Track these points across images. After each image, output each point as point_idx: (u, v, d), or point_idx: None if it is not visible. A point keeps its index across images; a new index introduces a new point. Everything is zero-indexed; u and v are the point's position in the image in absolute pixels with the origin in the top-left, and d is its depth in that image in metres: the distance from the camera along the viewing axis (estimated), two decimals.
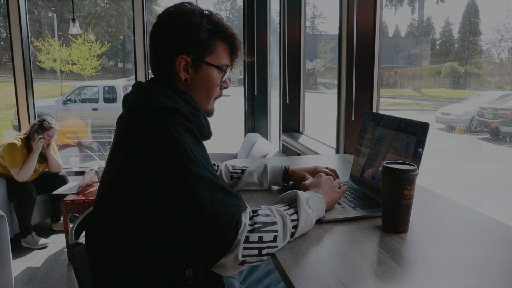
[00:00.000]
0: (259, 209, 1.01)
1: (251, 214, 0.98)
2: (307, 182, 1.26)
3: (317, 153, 2.62)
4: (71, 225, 3.31)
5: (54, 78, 12.66)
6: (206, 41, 1.09)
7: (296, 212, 1.03)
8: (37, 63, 11.44)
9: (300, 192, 1.08)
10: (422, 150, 1.18)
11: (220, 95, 1.20)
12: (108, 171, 1.05)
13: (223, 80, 1.15)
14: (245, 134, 4.40)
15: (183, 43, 1.07)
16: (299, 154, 2.96)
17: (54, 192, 3.53)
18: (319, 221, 1.14)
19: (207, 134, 1.14)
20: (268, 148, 3.23)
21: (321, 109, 5.54)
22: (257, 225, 0.95)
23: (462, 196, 3.02)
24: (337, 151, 2.32)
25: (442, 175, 3.35)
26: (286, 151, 3.36)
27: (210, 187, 0.93)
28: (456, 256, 0.94)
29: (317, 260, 0.92)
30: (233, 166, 1.47)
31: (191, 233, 0.92)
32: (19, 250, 3.37)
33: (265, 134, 4.31)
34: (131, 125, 1.03)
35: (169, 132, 0.94)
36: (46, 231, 3.78)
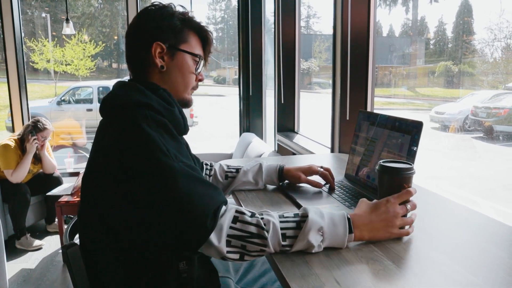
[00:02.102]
0: (257, 215, 0.97)
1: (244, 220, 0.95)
2: (362, 206, 1.04)
3: (312, 153, 2.63)
4: (65, 226, 3.30)
5: (48, 79, 12.60)
6: (180, 29, 1.13)
7: (295, 236, 0.95)
8: (31, 64, 11.37)
9: (312, 215, 0.96)
10: (416, 148, 1.19)
11: (196, 86, 1.22)
12: (88, 169, 1.06)
13: (198, 70, 1.18)
14: (240, 134, 4.40)
15: (158, 30, 1.11)
16: (294, 154, 2.96)
17: (49, 193, 3.51)
18: None
19: (183, 129, 1.14)
20: (263, 147, 3.23)
21: (316, 109, 5.55)
22: (246, 234, 0.94)
23: (456, 194, 3.04)
24: (332, 150, 2.32)
25: (436, 173, 3.37)
26: (281, 150, 3.37)
27: (185, 179, 0.93)
28: (452, 254, 0.94)
29: (312, 259, 0.93)
30: (227, 166, 1.47)
31: (170, 225, 0.93)
32: (13, 251, 3.35)
33: (260, 134, 4.32)
34: (105, 122, 1.05)
35: (140, 127, 0.95)
36: (41, 233, 3.75)
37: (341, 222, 0.97)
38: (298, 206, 1.27)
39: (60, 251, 3.35)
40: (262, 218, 0.96)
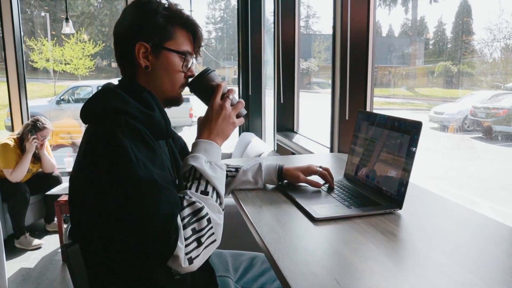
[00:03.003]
0: (182, 199, 0.96)
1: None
2: (199, 119, 1.14)
3: (311, 152, 2.63)
4: (65, 226, 3.30)
5: (47, 78, 12.59)
6: (164, 26, 1.09)
7: (208, 182, 1.00)
8: (30, 63, 11.36)
9: (194, 162, 1.01)
10: (416, 148, 1.19)
11: (186, 83, 1.18)
12: (72, 170, 1.07)
13: (188, 67, 1.14)
14: (239, 134, 4.40)
15: (140, 30, 1.08)
16: (293, 154, 2.96)
17: (48, 193, 3.51)
18: (314, 220, 1.14)
19: (165, 133, 1.11)
20: (262, 147, 3.23)
21: (316, 109, 5.55)
22: (186, 220, 0.92)
23: (455, 194, 3.04)
24: (331, 150, 2.33)
25: (435, 173, 3.37)
26: (281, 150, 3.37)
27: (149, 189, 0.91)
28: (451, 254, 0.94)
29: (312, 258, 0.93)
30: (227, 165, 1.47)
31: (133, 233, 0.92)
32: (12, 251, 3.35)
33: (259, 134, 4.32)
34: (87, 127, 1.05)
35: (113, 134, 0.93)
36: (40, 232, 3.75)
37: (205, 144, 1.07)
38: (298, 205, 1.28)
39: (59, 250, 3.35)
40: (185, 197, 0.96)
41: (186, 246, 0.90)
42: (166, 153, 1.15)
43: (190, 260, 0.91)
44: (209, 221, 0.94)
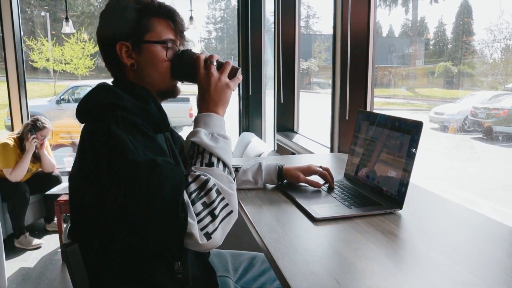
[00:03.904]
0: (188, 174, 0.95)
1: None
2: (197, 99, 1.11)
3: (311, 152, 2.63)
4: (65, 225, 3.30)
5: (47, 78, 12.60)
6: (138, 21, 1.07)
7: (211, 153, 0.98)
8: (30, 63, 11.37)
9: (193, 137, 1.00)
10: (416, 149, 1.19)
11: None
12: (72, 169, 1.07)
13: (174, 54, 1.12)
14: (239, 134, 4.40)
15: (116, 30, 1.07)
16: (293, 153, 2.96)
17: (48, 192, 3.51)
18: (314, 220, 1.14)
19: (163, 126, 1.10)
20: (262, 147, 3.23)
21: (316, 109, 5.55)
22: (193, 195, 0.91)
23: (456, 194, 3.04)
24: (332, 150, 2.32)
25: (436, 174, 3.37)
26: (281, 150, 3.37)
27: (151, 170, 0.89)
28: (451, 254, 0.94)
29: (312, 258, 0.93)
30: None
31: (142, 220, 0.90)
32: (12, 250, 3.35)
33: (259, 134, 4.32)
34: (84, 125, 1.04)
35: (109, 129, 0.92)
36: (40, 232, 3.75)
37: (204, 118, 1.05)
38: (298, 205, 1.28)
39: (59, 250, 3.35)
40: (190, 173, 0.95)
41: (200, 221, 0.88)
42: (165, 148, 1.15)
43: (208, 236, 0.89)
44: (218, 192, 0.93)
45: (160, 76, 1.12)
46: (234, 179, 1.00)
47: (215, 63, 1.09)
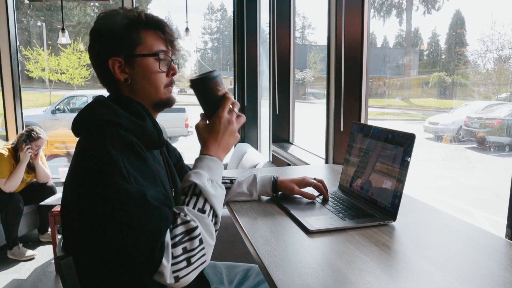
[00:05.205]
0: (177, 216, 0.95)
1: (170, 227, 0.93)
2: (201, 127, 1.11)
3: (306, 163, 2.63)
4: (59, 237, 3.27)
5: (43, 88, 12.58)
6: (127, 35, 1.07)
7: (207, 200, 0.98)
8: (26, 72, 11.36)
9: (196, 179, 1.00)
10: (409, 160, 1.20)
11: (171, 82, 1.16)
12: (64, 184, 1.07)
13: (167, 65, 1.12)
14: (235, 145, 4.41)
15: (106, 47, 1.07)
16: (289, 165, 2.96)
17: (42, 203, 3.48)
18: (308, 232, 1.14)
19: (158, 142, 1.10)
20: (258, 158, 3.23)
21: (311, 119, 5.57)
22: (177, 238, 0.91)
23: (450, 204, 3.05)
24: (326, 162, 2.33)
25: (430, 183, 3.38)
26: (276, 161, 3.37)
27: (138, 205, 0.90)
28: (443, 265, 0.94)
29: (305, 270, 0.93)
30: (222, 177, 1.47)
31: (119, 251, 0.92)
32: (5, 262, 3.31)
33: (255, 145, 4.32)
34: (79, 139, 1.04)
35: (104, 148, 0.93)
36: (33, 243, 3.72)
37: (209, 161, 1.05)
38: (292, 217, 1.28)
39: (53, 261, 3.32)
40: (180, 215, 0.94)
41: (174, 264, 0.89)
42: (160, 163, 1.15)
43: (177, 279, 0.89)
44: (201, 241, 0.93)
45: (154, 88, 1.11)
46: (216, 230, 1.00)
47: (237, 111, 1.12)
